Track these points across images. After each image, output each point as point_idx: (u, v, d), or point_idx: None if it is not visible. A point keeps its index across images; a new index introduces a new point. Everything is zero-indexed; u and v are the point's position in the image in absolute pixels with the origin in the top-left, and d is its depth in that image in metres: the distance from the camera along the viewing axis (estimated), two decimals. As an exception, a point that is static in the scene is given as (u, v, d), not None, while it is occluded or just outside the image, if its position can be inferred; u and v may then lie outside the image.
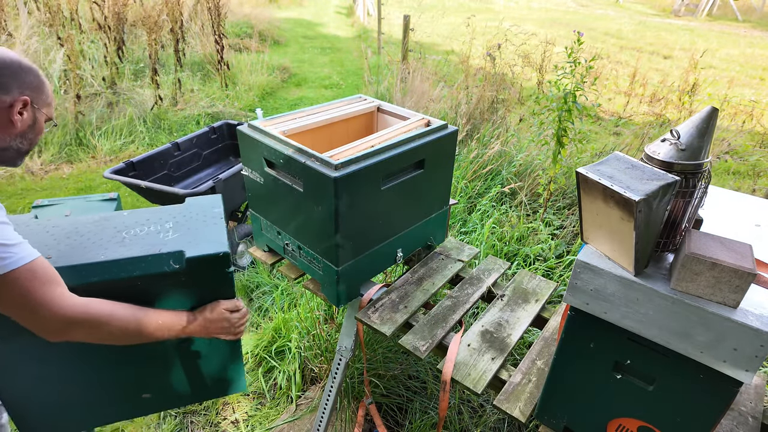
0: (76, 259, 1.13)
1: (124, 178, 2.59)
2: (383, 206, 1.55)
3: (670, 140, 1.00)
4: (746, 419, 1.24)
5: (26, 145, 1.12)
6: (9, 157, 1.11)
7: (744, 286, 0.89)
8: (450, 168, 1.78)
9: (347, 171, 1.36)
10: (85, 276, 1.11)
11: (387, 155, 1.46)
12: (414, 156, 1.56)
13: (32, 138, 1.13)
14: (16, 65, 1.05)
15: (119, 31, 5.85)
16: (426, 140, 1.58)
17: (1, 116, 1.04)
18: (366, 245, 1.58)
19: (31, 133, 1.12)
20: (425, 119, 1.72)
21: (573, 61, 2.75)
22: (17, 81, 1.05)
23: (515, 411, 1.33)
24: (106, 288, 1.12)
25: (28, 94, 1.06)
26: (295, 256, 1.68)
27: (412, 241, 1.78)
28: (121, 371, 1.28)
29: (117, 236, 1.23)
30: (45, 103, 1.12)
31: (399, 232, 1.69)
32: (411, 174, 1.59)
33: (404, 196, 1.61)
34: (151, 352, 1.26)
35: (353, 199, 1.42)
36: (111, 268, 1.14)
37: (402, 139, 1.53)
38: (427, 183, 1.68)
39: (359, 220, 1.49)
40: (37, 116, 1.11)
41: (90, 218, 1.32)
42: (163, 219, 1.32)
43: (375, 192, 1.48)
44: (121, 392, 1.32)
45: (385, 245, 1.65)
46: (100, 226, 1.28)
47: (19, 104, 1.05)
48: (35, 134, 1.14)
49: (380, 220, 1.58)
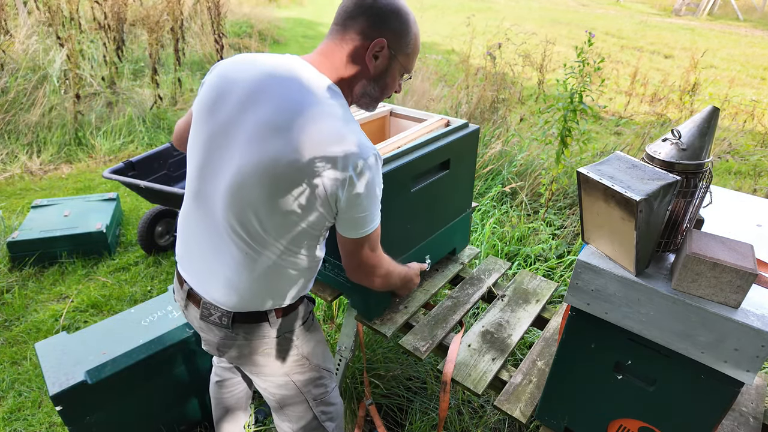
0: (129, 344, 1.60)
1: (124, 177, 2.58)
2: (414, 209, 1.48)
3: (671, 140, 1.00)
4: (747, 420, 1.24)
5: (377, 92, 1.09)
6: (365, 102, 1.10)
7: (745, 287, 0.89)
8: (472, 168, 1.72)
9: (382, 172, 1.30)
10: (137, 354, 1.57)
11: (415, 155, 1.39)
12: (440, 156, 1.49)
13: (383, 86, 1.08)
14: (387, 7, 1.00)
15: (119, 31, 5.85)
16: (450, 139, 1.51)
17: (358, 56, 1.02)
18: (397, 252, 1.47)
19: (383, 79, 1.07)
20: (444, 119, 1.64)
21: (582, 61, 2.74)
22: (379, 22, 1.00)
23: (516, 412, 1.32)
24: (150, 360, 1.59)
25: (386, 36, 1.01)
26: (329, 276, 1.58)
27: (438, 247, 1.70)
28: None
29: (140, 326, 1.71)
30: (403, 52, 1.06)
31: (428, 237, 1.61)
32: (438, 175, 1.52)
33: (432, 199, 1.55)
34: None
35: (387, 204, 1.31)
36: (153, 344, 1.61)
37: (427, 138, 1.47)
38: (452, 184, 1.62)
39: (392, 226, 1.40)
40: (391, 63, 1.05)
41: (112, 321, 1.76)
42: (163, 305, 1.82)
43: (406, 194, 1.42)
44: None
45: (414, 252, 1.57)
46: (123, 323, 1.73)
47: (376, 47, 1.01)
48: (386, 83, 1.08)
49: (411, 225, 1.51)
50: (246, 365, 1.20)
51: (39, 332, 2.37)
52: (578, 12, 15.48)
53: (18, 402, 2.01)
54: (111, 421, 1.57)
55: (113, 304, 2.57)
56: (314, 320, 1.27)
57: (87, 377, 1.47)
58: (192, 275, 1.14)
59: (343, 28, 1.02)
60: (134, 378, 1.57)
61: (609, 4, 17.83)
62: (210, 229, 1.05)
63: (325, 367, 1.28)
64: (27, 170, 4.02)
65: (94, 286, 2.70)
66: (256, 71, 1.00)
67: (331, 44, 1.03)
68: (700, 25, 13.38)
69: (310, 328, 1.23)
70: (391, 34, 1.01)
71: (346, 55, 1.02)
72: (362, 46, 1.01)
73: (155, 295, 2.59)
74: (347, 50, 1.02)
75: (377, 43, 1.00)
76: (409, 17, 1.03)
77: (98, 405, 1.52)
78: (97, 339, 1.63)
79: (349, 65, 1.03)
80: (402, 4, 1.02)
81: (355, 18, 1.00)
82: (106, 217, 2.99)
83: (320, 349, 1.27)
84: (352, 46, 1.01)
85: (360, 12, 1.00)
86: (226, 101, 0.99)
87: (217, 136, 1.00)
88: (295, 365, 1.20)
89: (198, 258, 1.11)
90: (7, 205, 3.48)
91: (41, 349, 1.58)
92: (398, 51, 1.04)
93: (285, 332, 1.15)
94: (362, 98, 1.09)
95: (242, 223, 0.99)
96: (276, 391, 1.23)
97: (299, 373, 1.21)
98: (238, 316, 1.09)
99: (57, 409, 1.44)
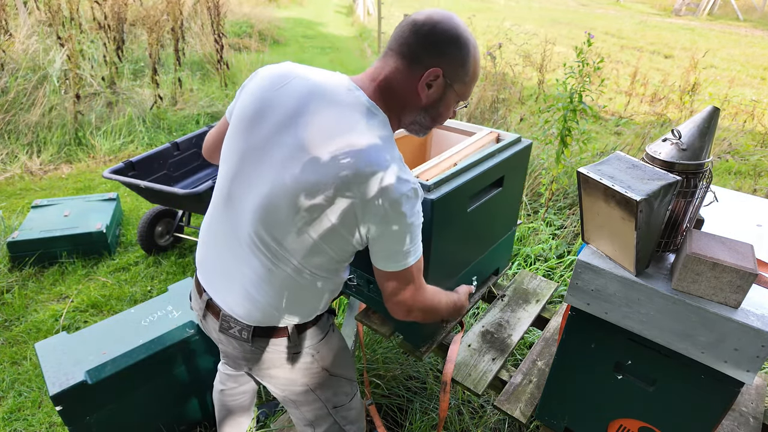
0: (129, 344, 1.60)
1: (124, 177, 2.58)
2: (469, 229, 1.41)
3: (671, 140, 1.00)
4: (747, 420, 1.24)
5: (428, 121, 1.05)
6: (414, 129, 1.07)
7: (745, 287, 0.89)
8: (522, 184, 1.63)
9: (442, 192, 1.19)
10: (137, 354, 1.57)
11: (473, 173, 1.30)
12: (495, 173, 1.41)
13: (435, 115, 1.04)
14: (445, 35, 0.95)
15: (119, 31, 5.85)
16: (505, 155, 1.43)
17: (411, 85, 0.98)
18: (448, 276, 1.40)
19: (435, 109, 1.03)
20: (494, 132, 1.57)
21: (581, 61, 2.74)
22: (436, 50, 0.95)
23: (516, 412, 1.32)
24: (150, 360, 1.58)
25: (442, 66, 0.96)
26: (362, 290, 1.49)
27: (485, 267, 1.63)
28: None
29: (140, 326, 1.71)
30: (460, 81, 1.01)
31: (478, 257, 1.54)
32: (492, 193, 1.44)
33: (485, 218, 1.47)
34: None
35: (446, 225, 1.27)
36: (153, 344, 1.61)
37: (484, 155, 1.39)
38: (503, 202, 1.55)
39: (447, 248, 1.33)
40: (446, 92, 1.00)
41: (112, 321, 1.75)
42: (163, 305, 1.81)
43: (463, 214, 1.33)
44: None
45: (464, 274, 1.49)
46: (123, 323, 1.73)
47: (430, 76, 0.96)
48: (440, 112, 1.04)
49: (465, 246, 1.43)
50: (264, 377, 1.18)
51: (39, 332, 2.36)
52: (578, 12, 15.48)
53: (18, 402, 2.01)
54: (111, 421, 1.57)
55: (113, 304, 2.57)
56: (335, 331, 1.24)
57: (87, 377, 1.47)
58: (212, 285, 1.12)
59: (396, 54, 0.97)
60: (134, 378, 1.57)
61: (609, 4, 17.83)
62: (234, 240, 1.03)
63: (346, 376, 1.26)
64: (27, 170, 4.02)
65: (94, 286, 2.70)
66: (302, 89, 0.97)
67: (382, 68, 0.99)
68: (700, 25, 13.38)
69: (330, 341, 1.20)
70: (447, 63, 0.96)
71: (396, 82, 0.98)
72: (415, 75, 0.96)
73: (155, 295, 2.59)
74: (398, 77, 0.97)
75: (432, 72, 0.96)
76: (469, 44, 0.98)
77: (98, 405, 1.52)
78: (97, 339, 1.63)
79: (399, 93, 0.98)
80: (462, 30, 0.97)
81: (410, 44, 0.95)
82: (106, 217, 2.99)
83: (341, 358, 1.24)
84: (404, 73, 0.97)
85: (415, 38, 0.95)
86: (267, 117, 0.97)
87: (255, 151, 0.98)
88: (315, 377, 1.18)
89: (219, 267, 1.10)
90: (7, 205, 3.48)
91: (41, 349, 1.58)
92: (455, 80, 0.99)
93: (305, 347, 1.13)
94: (412, 125, 1.06)
95: (267, 240, 0.98)
96: (295, 398, 1.21)
97: (319, 385, 1.19)
98: (257, 330, 1.07)
99: (57, 409, 1.44)
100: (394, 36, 0.98)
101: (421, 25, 0.94)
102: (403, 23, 0.97)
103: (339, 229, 0.95)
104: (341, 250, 1.00)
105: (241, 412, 1.58)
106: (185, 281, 1.95)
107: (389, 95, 0.99)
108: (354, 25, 11.93)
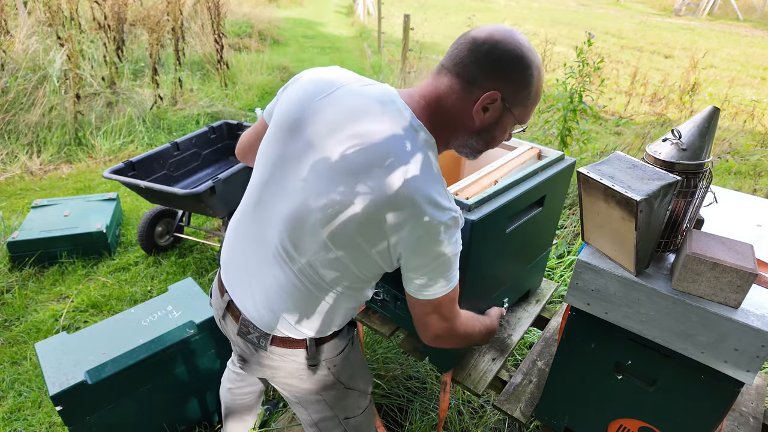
0: (129, 344, 1.60)
1: (124, 177, 2.58)
2: (505, 251, 1.35)
3: (672, 140, 1.00)
4: (747, 420, 1.24)
5: (481, 144, 0.98)
6: (465, 152, 1.01)
7: (745, 287, 0.89)
8: (562, 202, 1.56)
9: (483, 213, 1.13)
10: (137, 354, 1.57)
11: (516, 193, 1.24)
12: (537, 192, 1.34)
13: (489, 139, 0.97)
14: (507, 56, 0.87)
15: (119, 31, 5.85)
16: (548, 174, 1.36)
17: (465, 107, 0.91)
18: (480, 297, 1.35)
19: (490, 133, 0.96)
20: (535, 148, 1.51)
21: (581, 61, 2.74)
22: (495, 71, 0.88)
23: (516, 412, 1.32)
24: (150, 360, 1.58)
25: (501, 89, 0.89)
26: (388, 306, 1.46)
27: (516, 289, 1.57)
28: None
29: (140, 326, 1.71)
30: (520, 104, 0.93)
31: (511, 279, 1.48)
32: (532, 213, 1.37)
33: (523, 238, 1.41)
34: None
35: (483, 246, 1.21)
36: (153, 344, 1.61)
37: (526, 173, 1.32)
38: (543, 221, 1.48)
39: (483, 269, 1.28)
40: (503, 116, 0.93)
41: (112, 321, 1.75)
42: (164, 305, 1.82)
43: (501, 235, 1.27)
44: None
45: (497, 296, 1.44)
46: (123, 323, 1.73)
47: (487, 99, 0.89)
48: (494, 135, 0.97)
49: (500, 267, 1.38)
50: (278, 384, 1.17)
51: (39, 332, 2.37)
52: (578, 12, 15.48)
53: (18, 402, 2.01)
54: (111, 421, 1.57)
55: (113, 304, 2.57)
56: (354, 344, 1.20)
57: (87, 377, 1.47)
58: (234, 287, 1.11)
59: (451, 72, 0.90)
60: (134, 378, 1.57)
61: (609, 4, 17.83)
62: (260, 246, 1.02)
63: (361, 389, 1.23)
64: (27, 170, 4.02)
65: (94, 286, 2.70)
66: (348, 102, 0.92)
67: (434, 86, 0.92)
68: (700, 25, 13.38)
69: (349, 354, 1.17)
70: (507, 86, 0.89)
71: (449, 103, 0.91)
72: (471, 97, 0.90)
73: (155, 295, 2.59)
74: (452, 98, 0.91)
75: (489, 96, 0.88)
76: (532, 66, 0.90)
77: (98, 405, 1.52)
78: (97, 339, 1.63)
79: (451, 114, 0.92)
80: (526, 49, 0.89)
81: (467, 64, 0.88)
82: (106, 217, 2.99)
83: (358, 372, 1.21)
84: (458, 94, 0.90)
85: (473, 57, 0.88)
86: (307, 127, 0.93)
87: (291, 160, 0.95)
88: (330, 389, 1.16)
89: (243, 271, 1.08)
90: (7, 205, 3.48)
91: (41, 349, 1.58)
92: (514, 104, 0.92)
93: (323, 359, 1.11)
94: (462, 148, 1.00)
95: (292, 252, 0.96)
96: (306, 406, 1.20)
97: (333, 396, 1.18)
98: (276, 340, 1.06)
99: (57, 409, 1.44)
100: (450, 52, 0.92)
101: (480, 44, 0.88)
102: (461, 39, 0.91)
103: (368, 252, 0.91)
104: (369, 271, 0.97)
105: (247, 411, 1.58)
106: (185, 281, 1.95)
107: (440, 116, 0.93)
108: (354, 25, 11.93)
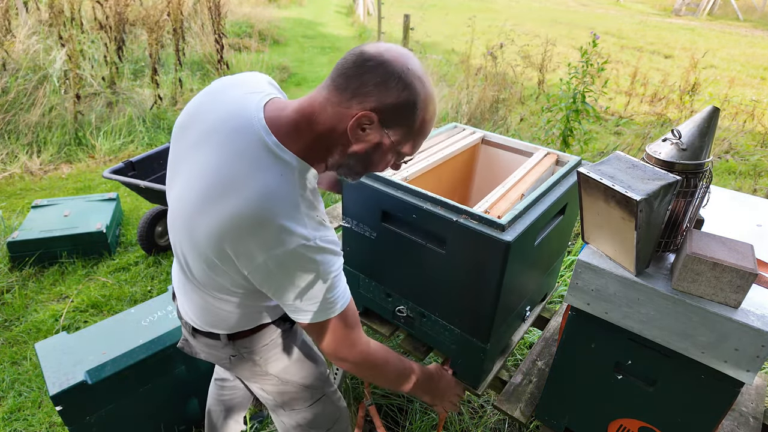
0: (129, 344, 1.60)
1: (124, 177, 2.58)
2: (533, 263, 1.33)
3: (671, 140, 1.00)
4: (747, 420, 1.24)
5: (359, 167, 0.92)
6: (343, 173, 0.95)
7: (745, 286, 0.89)
8: (577, 209, 1.56)
9: (518, 232, 1.09)
10: (137, 354, 1.57)
11: (544, 206, 1.22)
12: (561, 202, 1.31)
13: (366, 163, 0.91)
14: (392, 77, 0.81)
15: (119, 31, 5.85)
16: (571, 183, 1.34)
17: (340, 123, 0.84)
18: (509, 311, 1.32)
19: (367, 156, 0.89)
20: (553, 154, 1.48)
21: (585, 62, 2.74)
22: (376, 90, 0.82)
23: (516, 412, 1.32)
24: (150, 360, 1.59)
25: (379, 112, 0.83)
26: (413, 324, 1.43)
27: (535, 296, 1.55)
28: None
29: (140, 326, 1.70)
30: (401, 132, 0.87)
31: (533, 288, 1.46)
32: (555, 222, 1.35)
33: (546, 247, 1.38)
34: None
35: (516, 263, 1.16)
36: (153, 344, 1.62)
37: (550, 184, 1.29)
38: (563, 228, 1.46)
39: (515, 284, 1.24)
40: (382, 141, 0.87)
41: (112, 321, 1.75)
42: (163, 305, 1.82)
43: (531, 249, 1.24)
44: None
45: (521, 307, 1.42)
46: (123, 323, 1.72)
47: (363, 119, 0.83)
48: (372, 159, 0.90)
49: (528, 279, 1.36)
50: (230, 371, 1.26)
51: (39, 332, 2.37)
52: (578, 12, 15.48)
53: (18, 402, 2.01)
54: (111, 421, 1.57)
55: (113, 304, 2.57)
56: (289, 338, 1.18)
57: (87, 377, 1.47)
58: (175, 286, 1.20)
59: (332, 84, 0.84)
60: (134, 378, 1.57)
61: (609, 4, 17.83)
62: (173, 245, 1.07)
63: (302, 383, 1.22)
64: (27, 170, 4.02)
65: (94, 286, 2.70)
66: (218, 112, 0.92)
67: (312, 98, 0.87)
68: (700, 25, 13.38)
69: (281, 348, 1.16)
70: (387, 109, 0.83)
71: (323, 117, 0.85)
72: (347, 113, 0.83)
73: (155, 295, 2.59)
74: (327, 111, 0.84)
75: (365, 115, 0.82)
76: (419, 94, 0.84)
77: (98, 405, 1.52)
78: (97, 339, 1.63)
79: (325, 129, 0.86)
80: (413, 76, 0.83)
81: (349, 77, 0.82)
82: (106, 217, 2.99)
83: (296, 367, 1.20)
84: (334, 108, 0.84)
85: (356, 71, 0.82)
86: (186, 134, 0.95)
87: (174, 165, 0.98)
88: (265, 380, 1.19)
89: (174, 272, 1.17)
90: (7, 205, 3.48)
91: (41, 349, 1.58)
92: (393, 130, 0.86)
93: (242, 351, 1.12)
94: (340, 168, 0.93)
95: (178, 252, 1.01)
96: (254, 391, 1.27)
97: (270, 386, 1.21)
98: (199, 333, 1.12)
99: (57, 409, 1.44)
100: (337, 65, 0.85)
101: (367, 59, 0.81)
102: (351, 51, 0.85)
103: (228, 272, 0.91)
104: (236, 286, 0.96)
105: (236, 408, 1.59)
106: None
107: (312, 131, 0.86)
108: (354, 25, 11.93)
